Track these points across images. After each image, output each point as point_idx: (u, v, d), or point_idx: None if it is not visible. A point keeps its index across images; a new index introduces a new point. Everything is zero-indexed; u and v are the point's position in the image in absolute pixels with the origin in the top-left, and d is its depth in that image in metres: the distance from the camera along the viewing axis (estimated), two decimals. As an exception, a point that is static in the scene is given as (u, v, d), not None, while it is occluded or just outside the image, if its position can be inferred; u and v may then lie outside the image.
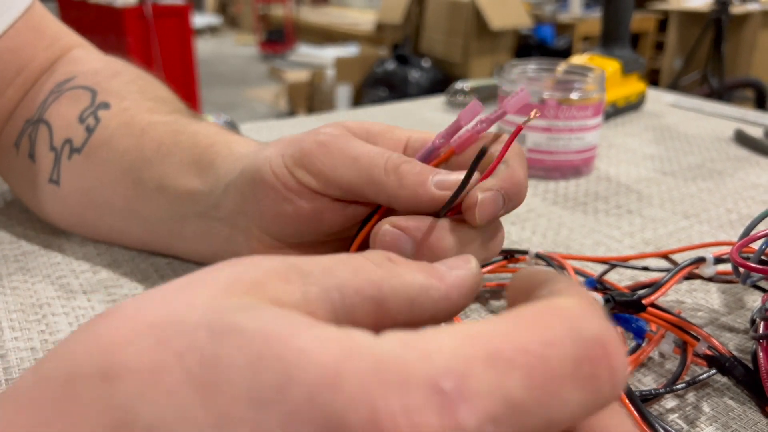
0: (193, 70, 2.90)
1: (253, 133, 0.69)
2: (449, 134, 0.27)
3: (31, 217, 0.46)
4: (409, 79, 3.25)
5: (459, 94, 0.82)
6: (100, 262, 0.41)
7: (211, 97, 4.08)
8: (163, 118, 0.39)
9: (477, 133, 0.26)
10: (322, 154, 0.29)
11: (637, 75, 0.80)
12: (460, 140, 0.26)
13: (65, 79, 0.43)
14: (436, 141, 0.28)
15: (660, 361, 0.33)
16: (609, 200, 0.54)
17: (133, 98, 0.41)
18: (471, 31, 3.23)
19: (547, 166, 0.58)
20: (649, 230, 0.48)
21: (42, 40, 0.44)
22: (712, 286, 0.41)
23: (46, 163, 0.41)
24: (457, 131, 0.26)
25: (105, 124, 0.40)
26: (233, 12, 7.11)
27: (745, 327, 0.36)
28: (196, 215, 0.36)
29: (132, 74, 0.44)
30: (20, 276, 0.39)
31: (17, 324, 0.35)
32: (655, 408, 0.30)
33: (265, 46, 5.56)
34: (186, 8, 2.86)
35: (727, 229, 0.49)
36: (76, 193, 0.41)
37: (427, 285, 0.18)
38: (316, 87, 3.66)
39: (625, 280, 0.41)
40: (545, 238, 0.46)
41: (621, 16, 0.78)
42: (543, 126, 0.56)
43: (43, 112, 0.42)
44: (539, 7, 3.86)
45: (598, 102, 0.57)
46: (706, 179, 0.59)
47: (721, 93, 2.67)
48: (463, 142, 0.26)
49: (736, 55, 3.16)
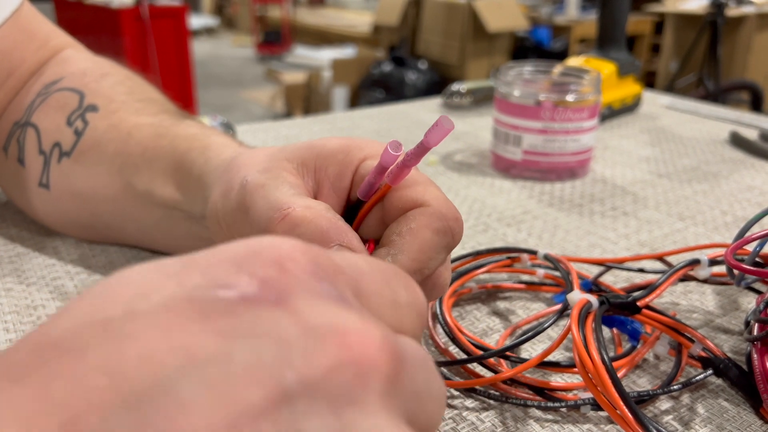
0: (190, 71, 2.89)
1: (249, 135, 0.69)
2: (379, 173, 0.27)
3: (25, 218, 0.46)
4: (405, 80, 3.25)
5: (455, 95, 0.82)
6: (94, 264, 0.41)
7: (207, 98, 4.07)
8: (149, 120, 0.39)
9: (408, 167, 0.26)
10: (235, 218, 0.28)
11: (632, 77, 0.80)
12: (392, 176, 0.26)
13: (53, 81, 0.42)
14: (370, 178, 0.27)
15: (655, 362, 0.33)
16: (605, 202, 0.54)
17: (122, 100, 0.41)
18: (467, 33, 3.24)
19: (543, 168, 0.58)
20: (644, 232, 0.48)
21: (32, 41, 0.44)
22: (707, 288, 0.41)
23: (36, 167, 0.41)
24: (385, 171, 0.26)
25: (93, 127, 0.39)
26: (230, 13, 7.10)
27: (739, 329, 0.36)
28: (186, 219, 0.36)
29: (121, 75, 0.43)
30: (15, 277, 0.39)
31: (11, 326, 0.35)
32: (649, 409, 0.30)
33: (261, 48, 5.56)
34: (183, 9, 2.85)
35: (722, 231, 0.49)
36: (68, 196, 0.40)
37: None
38: (313, 88, 3.65)
39: (620, 282, 0.41)
40: (541, 240, 0.46)
41: (617, 18, 0.78)
42: (539, 128, 0.56)
43: (31, 115, 0.41)
44: (536, 9, 3.87)
45: (593, 104, 0.57)
46: (701, 181, 0.59)
47: (716, 95, 2.67)
48: (396, 177, 0.26)
49: (732, 57, 3.16)
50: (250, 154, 0.30)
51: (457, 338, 0.33)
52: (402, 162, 0.26)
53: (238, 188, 0.28)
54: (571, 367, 0.32)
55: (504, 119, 0.58)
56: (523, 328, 0.36)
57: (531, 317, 0.37)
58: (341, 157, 0.29)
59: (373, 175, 0.27)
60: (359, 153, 0.29)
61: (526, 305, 0.39)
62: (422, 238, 0.26)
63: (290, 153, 0.29)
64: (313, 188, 0.29)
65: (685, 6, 3.30)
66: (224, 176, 0.30)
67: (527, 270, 0.40)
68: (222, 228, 0.30)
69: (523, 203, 0.53)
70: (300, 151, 0.29)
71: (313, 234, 0.25)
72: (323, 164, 0.29)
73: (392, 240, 0.26)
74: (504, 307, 0.39)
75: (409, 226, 0.26)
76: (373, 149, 0.29)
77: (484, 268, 0.40)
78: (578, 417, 0.30)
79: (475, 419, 0.29)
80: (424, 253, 0.26)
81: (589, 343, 0.27)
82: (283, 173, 0.28)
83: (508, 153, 0.59)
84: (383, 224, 0.28)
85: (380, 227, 0.28)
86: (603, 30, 0.79)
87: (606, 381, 0.26)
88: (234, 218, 0.28)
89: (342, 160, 0.29)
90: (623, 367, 0.32)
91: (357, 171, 0.29)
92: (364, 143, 0.29)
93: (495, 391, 0.31)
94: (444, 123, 0.24)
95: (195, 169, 0.34)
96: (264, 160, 0.29)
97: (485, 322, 0.37)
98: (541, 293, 0.40)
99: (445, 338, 0.34)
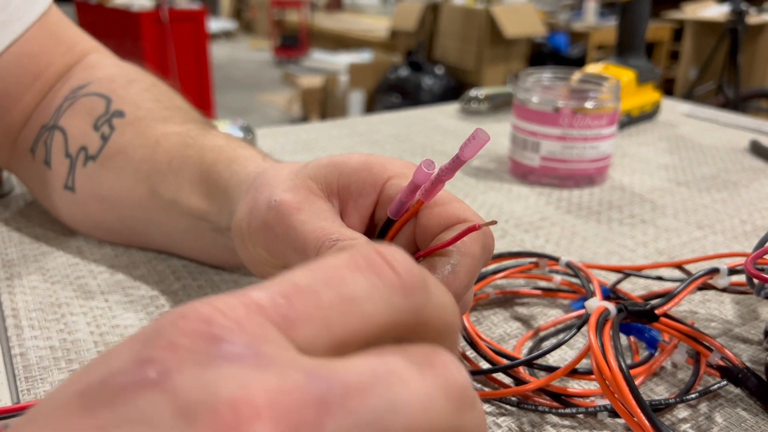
0: (208, 74, 2.92)
1: (268, 139, 0.70)
2: (411, 191, 0.27)
3: (50, 218, 0.47)
4: (422, 85, 3.25)
5: (473, 101, 0.82)
6: (117, 264, 0.42)
7: (224, 101, 4.10)
8: (176, 129, 0.39)
9: (442, 182, 0.26)
10: (266, 236, 0.28)
11: (651, 84, 0.80)
12: (426, 192, 0.26)
13: (80, 85, 0.43)
14: (401, 196, 0.27)
15: (672, 371, 0.33)
16: (623, 209, 0.54)
17: (148, 107, 0.41)
18: (485, 38, 3.24)
19: (561, 175, 0.58)
20: (662, 240, 0.48)
21: (59, 45, 0.44)
22: (726, 297, 0.41)
23: (62, 170, 0.42)
24: (419, 187, 0.27)
25: (120, 133, 0.40)
26: (248, 17, 7.15)
27: (758, 338, 0.36)
28: (212, 230, 0.36)
29: (147, 82, 0.44)
30: (39, 276, 0.40)
31: (36, 323, 0.35)
32: (667, 418, 0.30)
33: (279, 52, 5.59)
34: (202, 13, 2.88)
35: (741, 240, 0.48)
36: (93, 200, 0.41)
37: None
38: (329, 92, 3.67)
39: (638, 290, 0.41)
40: (558, 246, 0.47)
41: (636, 25, 0.78)
42: (557, 134, 0.56)
43: (59, 119, 0.42)
44: (553, 16, 3.86)
45: (612, 111, 0.57)
46: (720, 190, 0.59)
47: (735, 103, 2.65)
48: (429, 193, 0.26)
49: (752, 65, 3.14)
50: (274, 172, 0.30)
51: (476, 344, 0.33)
52: (436, 177, 0.26)
53: (265, 207, 0.28)
54: (588, 374, 0.32)
55: (522, 125, 0.59)
56: (540, 334, 0.37)
57: (549, 323, 0.37)
58: (364, 175, 0.29)
59: (405, 194, 0.27)
60: (383, 172, 0.29)
61: (543, 311, 0.39)
62: (473, 251, 0.26)
63: (313, 171, 0.29)
64: (338, 208, 0.29)
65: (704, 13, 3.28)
66: (249, 193, 0.30)
67: (544, 276, 0.40)
68: (245, 244, 0.30)
69: (540, 210, 0.53)
70: (322, 169, 0.29)
71: None
72: (346, 182, 0.29)
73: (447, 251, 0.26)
74: (521, 312, 0.39)
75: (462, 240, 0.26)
76: (396, 168, 0.29)
77: (501, 274, 0.40)
78: (595, 423, 0.30)
79: (492, 424, 0.29)
80: (475, 267, 0.26)
81: (606, 350, 0.27)
82: (312, 196, 0.28)
83: (526, 159, 0.59)
84: (413, 242, 0.28)
85: (410, 245, 0.28)
86: (622, 37, 0.79)
87: (623, 388, 0.26)
88: (259, 236, 0.29)
89: (365, 178, 0.29)
90: (640, 374, 0.32)
91: (383, 191, 0.29)
92: (385, 161, 0.30)
93: (512, 396, 0.31)
94: (480, 135, 0.23)
95: (221, 182, 0.34)
96: (288, 177, 0.29)
97: (502, 328, 0.37)
98: (558, 299, 0.40)
99: (463, 343, 0.35)
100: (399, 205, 0.28)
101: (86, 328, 0.35)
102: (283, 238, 0.27)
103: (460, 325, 0.17)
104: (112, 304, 0.37)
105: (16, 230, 0.46)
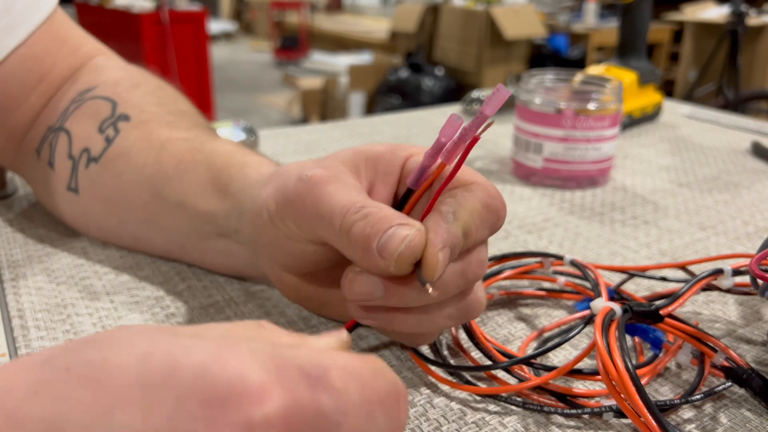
0: (208, 75, 2.92)
1: (269, 140, 0.70)
2: (436, 152, 0.27)
3: (54, 219, 0.47)
4: (422, 87, 3.25)
5: (475, 102, 0.82)
6: (122, 265, 0.42)
7: (224, 102, 4.11)
8: (183, 134, 0.40)
9: (463, 141, 0.26)
10: (296, 207, 0.29)
11: (653, 86, 0.80)
12: (448, 153, 0.26)
13: (86, 89, 0.43)
14: (424, 161, 0.28)
15: (677, 371, 0.33)
16: (625, 211, 0.54)
17: (153, 111, 0.42)
18: (485, 40, 3.24)
19: (564, 176, 0.58)
20: (665, 241, 0.48)
21: (64, 47, 0.44)
22: (730, 298, 0.41)
23: (64, 171, 0.42)
24: (443, 147, 0.27)
25: (124, 136, 0.40)
26: (248, 18, 7.15)
27: (762, 339, 0.36)
28: (217, 235, 0.36)
29: (152, 85, 0.44)
30: (45, 277, 0.40)
31: (42, 323, 0.35)
32: (672, 418, 0.30)
33: (279, 53, 5.60)
34: (202, 14, 2.88)
35: (743, 241, 0.49)
36: (95, 202, 0.41)
37: None
38: (330, 94, 3.67)
39: (642, 291, 0.41)
40: (561, 247, 0.47)
41: (638, 27, 0.78)
42: (560, 136, 0.57)
43: (65, 121, 0.42)
44: (553, 17, 3.87)
45: (615, 112, 0.57)
46: (722, 191, 0.59)
47: (736, 105, 2.66)
48: (451, 154, 0.26)
49: (752, 66, 3.14)
50: (297, 162, 0.32)
51: (481, 344, 0.33)
52: (459, 136, 0.26)
53: (295, 181, 0.29)
54: (593, 374, 0.32)
55: (525, 127, 0.59)
56: (545, 335, 0.37)
57: (553, 324, 0.37)
58: (389, 157, 0.31)
59: (427, 158, 0.28)
60: (404, 152, 0.31)
61: (547, 312, 0.39)
62: (473, 205, 0.28)
63: (341, 158, 0.31)
64: (366, 187, 0.31)
65: (704, 14, 3.28)
66: (272, 181, 0.31)
67: (548, 277, 0.40)
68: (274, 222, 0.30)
69: (543, 211, 0.53)
70: (349, 156, 0.31)
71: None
72: (372, 164, 0.31)
73: (447, 201, 0.28)
74: (525, 313, 0.39)
75: (463, 194, 0.28)
76: (416, 149, 0.32)
77: (504, 274, 0.40)
78: (600, 424, 0.30)
79: (497, 424, 0.29)
80: (474, 218, 0.27)
81: (612, 350, 0.27)
82: (341, 174, 0.29)
83: (529, 160, 0.59)
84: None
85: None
86: (624, 38, 0.79)
87: (630, 389, 0.26)
88: (289, 209, 0.29)
89: (390, 159, 0.31)
90: (645, 375, 0.32)
91: (405, 166, 0.31)
92: (406, 145, 0.32)
93: (518, 396, 0.31)
94: (502, 90, 0.24)
95: (232, 185, 0.35)
96: (316, 161, 0.31)
97: (507, 329, 0.37)
98: (562, 300, 0.40)
99: (468, 343, 0.35)
100: (420, 172, 0.29)
101: (92, 329, 0.35)
102: (312, 209, 0.28)
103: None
104: (118, 305, 0.37)
105: (21, 231, 0.46)
